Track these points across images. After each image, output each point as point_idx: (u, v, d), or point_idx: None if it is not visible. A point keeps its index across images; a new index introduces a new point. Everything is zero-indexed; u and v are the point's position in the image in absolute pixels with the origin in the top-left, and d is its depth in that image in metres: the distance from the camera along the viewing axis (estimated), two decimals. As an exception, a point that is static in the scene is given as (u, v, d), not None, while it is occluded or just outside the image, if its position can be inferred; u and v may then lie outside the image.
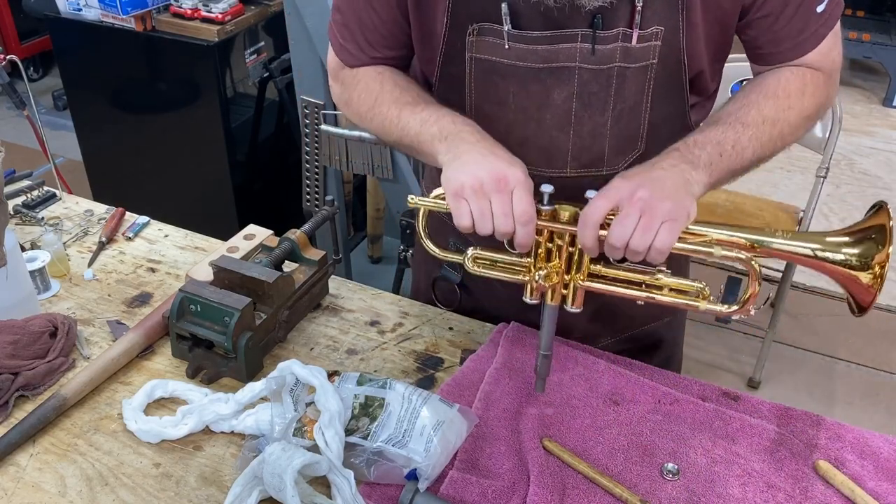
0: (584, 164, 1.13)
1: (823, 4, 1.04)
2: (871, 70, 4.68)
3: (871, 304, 0.93)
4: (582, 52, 1.04)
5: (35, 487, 1.00)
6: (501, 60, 1.07)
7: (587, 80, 1.06)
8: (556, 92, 1.07)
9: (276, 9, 2.65)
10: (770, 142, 1.07)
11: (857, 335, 2.84)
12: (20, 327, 1.16)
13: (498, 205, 0.96)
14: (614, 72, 1.05)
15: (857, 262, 0.93)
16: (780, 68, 1.11)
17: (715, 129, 1.04)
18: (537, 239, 1.00)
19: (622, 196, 0.95)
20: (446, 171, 1.01)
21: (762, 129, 1.05)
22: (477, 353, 1.20)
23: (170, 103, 2.73)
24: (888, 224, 0.92)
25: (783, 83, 1.09)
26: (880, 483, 1.00)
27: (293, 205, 2.69)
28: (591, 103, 1.08)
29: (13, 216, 1.53)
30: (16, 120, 4.11)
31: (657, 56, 1.05)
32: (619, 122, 1.10)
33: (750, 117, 1.05)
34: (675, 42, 1.05)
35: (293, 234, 1.30)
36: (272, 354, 1.22)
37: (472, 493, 0.97)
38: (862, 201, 3.57)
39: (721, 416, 1.09)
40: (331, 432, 0.98)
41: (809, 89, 1.09)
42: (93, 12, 2.60)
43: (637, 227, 0.93)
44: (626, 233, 0.93)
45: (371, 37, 1.16)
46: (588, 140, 1.11)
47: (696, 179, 0.99)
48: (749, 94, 1.09)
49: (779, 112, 1.07)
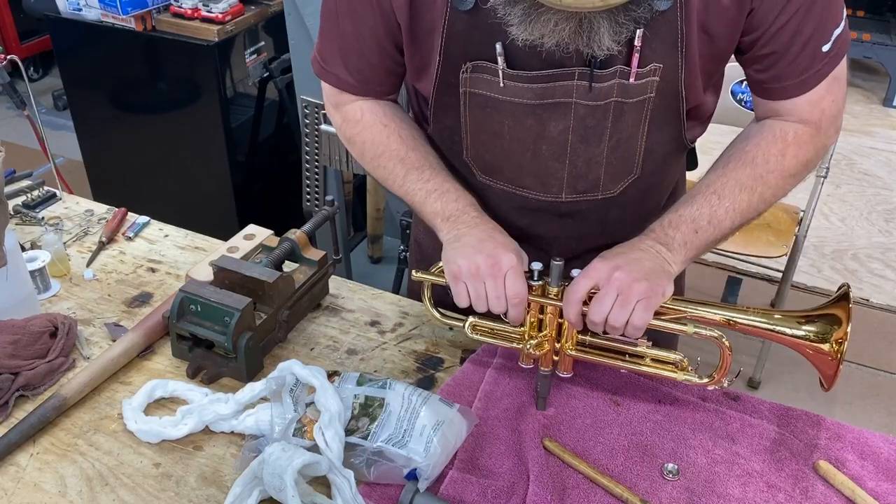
0: (580, 191, 1.14)
1: (829, 44, 1.02)
2: (871, 70, 4.68)
3: (834, 378, 1.01)
4: (579, 89, 1.03)
5: (35, 487, 1.00)
6: (496, 96, 1.06)
7: (584, 116, 1.05)
8: (552, 125, 1.07)
9: (276, 9, 2.65)
10: (750, 208, 1.08)
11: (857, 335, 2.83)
12: (20, 327, 1.16)
13: (492, 288, 1.03)
14: (611, 106, 1.05)
15: (817, 337, 1.02)
16: (763, 128, 1.10)
17: (690, 207, 1.07)
18: (529, 310, 1.07)
19: (601, 276, 1.00)
20: (446, 252, 1.09)
21: (740, 197, 1.07)
22: (477, 353, 1.20)
23: (170, 103, 2.73)
24: (848, 309, 1.02)
25: (763, 148, 1.09)
26: (880, 483, 1.00)
27: (293, 205, 2.69)
28: (587, 136, 1.08)
29: (13, 216, 1.53)
30: (16, 120, 4.11)
31: (655, 90, 1.04)
32: (615, 152, 1.10)
33: (727, 189, 1.07)
34: (673, 77, 1.04)
35: (293, 234, 1.30)
36: (272, 354, 1.22)
37: (472, 493, 0.97)
38: (862, 201, 3.57)
39: (721, 416, 1.09)
40: (331, 432, 0.98)
41: (791, 150, 1.08)
42: (93, 12, 2.61)
43: (614, 304, 0.99)
44: (604, 310, 0.99)
45: (358, 63, 1.14)
46: (584, 169, 1.11)
47: (671, 259, 1.04)
48: (728, 162, 1.10)
49: (756, 179, 1.08)
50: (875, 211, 3.52)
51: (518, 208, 1.18)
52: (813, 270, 3.14)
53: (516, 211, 1.19)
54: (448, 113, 1.13)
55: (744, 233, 2.45)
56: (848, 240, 3.33)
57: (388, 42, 1.10)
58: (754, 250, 2.40)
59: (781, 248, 2.37)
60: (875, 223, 3.44)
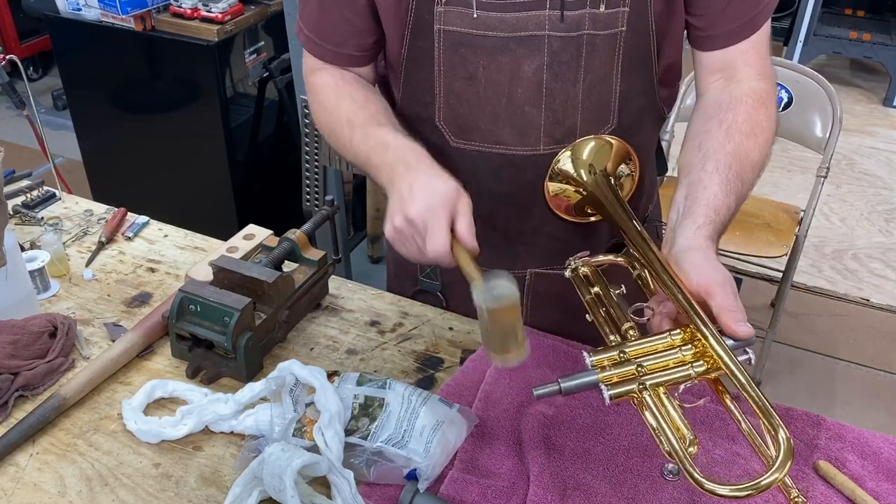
0: (557, 140, 1.13)
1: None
2: (871, 70, 4.69)
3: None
4: (551, 19, 1.05)
5: (35, 487, 1.00)
6: (470, 31, 1.07)
7: (557, 50, 1.07)
8: (527, 63, 1.08)
9: (276, 9, 2.66)
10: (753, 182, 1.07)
11: (857, 335, 2.84)
12: (20, 327, 1.16)
13: (415, 252, 1.01)
14: (583, 40, 1.06)
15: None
16: (731, 98, 1.09)
17: (719, 196, 1.01)
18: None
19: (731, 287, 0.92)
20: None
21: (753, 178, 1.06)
22: (477, 352, 1.20)
23: (170, 103, 2.73)
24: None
25: (752, 115, 1.08)
26: (881, 483, 1.00)
27: (293, 205, 2.69)
28: (561, 74, 1.08)
29: (13, 216, 1.53)
30: (16, 120, 4.12)
31: (625, 23, 1.06)
32: (590, 95, 1.11)
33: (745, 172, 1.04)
34: (642, 10, 1.06)
35: (293, 234, 1.29)
36: (272, 354, 1.22)
37: (472, 493, 0.97)
38: (862, 201, 3.57)
39: (721, 416, 1.09)
40: (330, 432, 0.98)
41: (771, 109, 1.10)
42: (93, 12, 2.61)
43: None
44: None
45: (322, 20, 1.16)
46: (560, 113, 1.11)
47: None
48: (731, 138, 1.06)
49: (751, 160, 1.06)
50: (875, 211, 3.52)
51: (495, 170, 1.17)
52: (813, 270, 3.14)
53: (493, 175, 1.18)
54: (421, 64, 1.13)
55: (744, 233, 2.46)
56: (848, 240, 3.34)
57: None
58: (754, 250, 2.40)
59: (781, 248, 2.38)
60: (875, 223, 3.44)
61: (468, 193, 1.02)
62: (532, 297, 1.31)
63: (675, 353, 0.90)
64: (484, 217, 1.16)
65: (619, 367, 0.90)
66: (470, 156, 1.16)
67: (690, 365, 0.89)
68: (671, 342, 0.90)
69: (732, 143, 1.05)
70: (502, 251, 1.26)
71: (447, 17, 1.07)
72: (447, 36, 1.08)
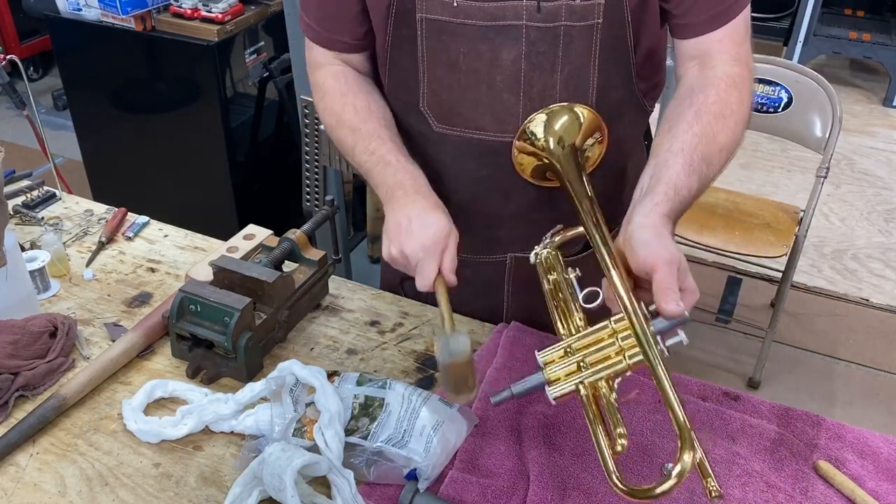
0: None
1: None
2: (871, 70, 4.69)
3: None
4: (528, 9, 1.06)
5: (35, 487, 1.00)
6: (451, 19, 1.09)
7: (535, 40, 1.08)
8: (505, 52, 1.10)
9: (276, 9, 2.65)
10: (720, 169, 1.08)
11: (857, 335, 2.84)
12: (20, 327, 1.16)
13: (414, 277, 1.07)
14: (561, 30, 1.08)
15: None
16: (705, 83, 1.10)
17: (679, 177, 1.02)
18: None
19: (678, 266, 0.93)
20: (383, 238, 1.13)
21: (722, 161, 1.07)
22: (477, 352, 1.20)
23: (170, 103, 2.73)
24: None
25: (722, 97, 1.08)
26: (880, 483, 1.00)
27: (293, 205, 2.69)
28: (539, 64, 1.10)
29: (13, 216, 1.53)
30: (16, 120, 4.12)
31: (601, 15, 1.07)
32: (567, 86, 1.12)
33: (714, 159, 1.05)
34: (617, 1, 1.07)
35: (293, 234, 1.30)
36: (272, 354, 1.22)
37: (472, 493, 0.97)
38: (862, 201, 3.57)
39: (721, 416, 1.09)
40: (330, 432, 0.98)
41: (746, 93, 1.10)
42: (93, 12, 2.61)
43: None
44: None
45: (332, 15, 1.20)
46: (538, 102, 1.13)
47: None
48: (699, 119, 1.07)
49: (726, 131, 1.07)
50: (875, 211, 3.52)
51: (476, 156, 1.19)
52: (813, 270, 3.14)
53: (474, 159, 1.20)
54: (405, 51, 1.15)
55: (744, 233, 2.46)
56: (848, 240, 3.34)
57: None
58: (754, 250, 2.40)
59: (781, 248, 2.37)
60: (875, 223, 3.44)
61: (450, 176, 1.16)
62: (512, 282, 1.33)
63: (614, 343, 0.91)
64: (465, 201, 1.23)
65: (565, 364, 0.92)
66: (452, 141, 1.19)
67: (625, 355, 0.90)
68: (613, 329, 0.91)
69: (700, 125, 1.06)
70: (483, 235, 1.28)
71: (429, 6, 1.09)
72: (429, 24, 1.11)
